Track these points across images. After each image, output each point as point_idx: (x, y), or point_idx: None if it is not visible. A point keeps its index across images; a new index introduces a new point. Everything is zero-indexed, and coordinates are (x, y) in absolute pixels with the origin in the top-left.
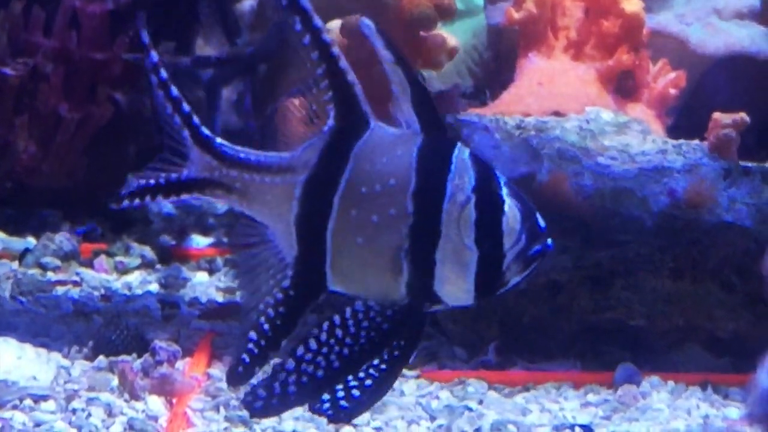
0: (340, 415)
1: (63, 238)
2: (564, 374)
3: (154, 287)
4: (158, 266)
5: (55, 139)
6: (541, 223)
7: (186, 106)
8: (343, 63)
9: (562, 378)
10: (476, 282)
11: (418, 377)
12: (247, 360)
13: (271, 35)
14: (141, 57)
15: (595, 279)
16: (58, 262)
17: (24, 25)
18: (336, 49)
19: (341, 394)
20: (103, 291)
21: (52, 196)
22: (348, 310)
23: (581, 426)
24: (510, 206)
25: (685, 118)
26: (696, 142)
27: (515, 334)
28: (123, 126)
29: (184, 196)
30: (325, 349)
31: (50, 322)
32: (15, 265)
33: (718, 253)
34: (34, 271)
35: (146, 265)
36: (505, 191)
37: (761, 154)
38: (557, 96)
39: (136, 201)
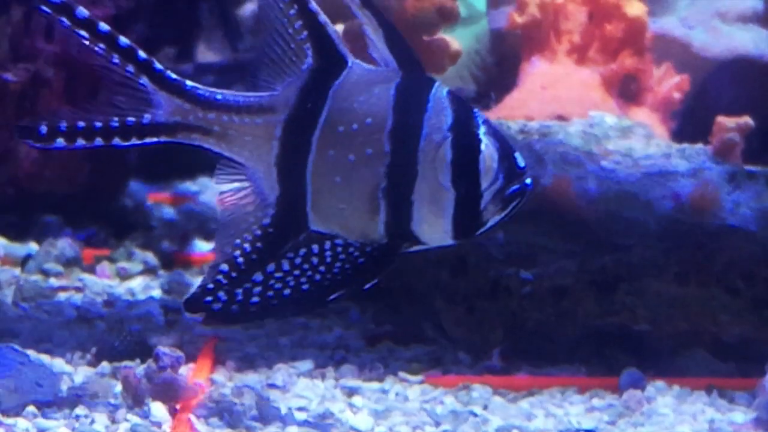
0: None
1: (65, 244)
2: (569, 379)
3: (156, 293)
4: (161, 272)
5: None
6: (520, 162)
7: (142, 54)
8: (314, 5)
9: (567, 383)
10: (454, 222)
11: (422, 382)
12: (213, 289)
13: None
14: None
15: (600, 283)
16: (60, 268)
17: (25, 30)
18: None
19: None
20: (105, 297)
21: (54, 201)
22: (328, 243)
23: (586, 431)
24: (487, 145)
25: (688, 122)
26: (700, 145)
27: (520, 339)
28: None
29: (149, 140)
30: (297, 272)
31: (53, 329)
32: (17, 271)
33: (723, 257)
34: (37, 277)
35: (149, 270)
36: (482, 130)
37: (765, 158)
38: (561, 100)
39: (80, 141)
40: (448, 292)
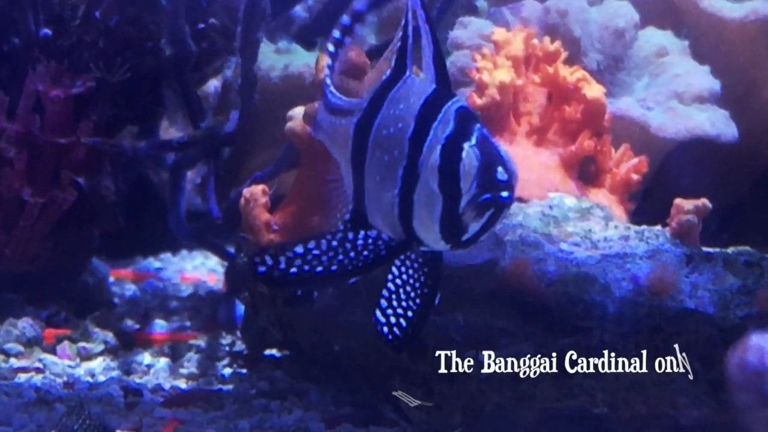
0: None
1: (26, 324)
2: None
3: (116, 374)
4: (121, 352)
5: (18, 223)
6: (501, 176)
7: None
8: (410, 19)
9: None
10: (441, 225)
11: None
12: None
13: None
14: (103, 141)
15: (558, 366)
16: (21, 348)
17: None
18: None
19: (393, 320)
20: (65, 378)
21: (15, 280)
22: (362, 233)
23: None
24: (468, 154)
25: (647, 202)
26: (658, 227)
27: (479, 422)
28: (86, 210)
29: None
30: (331, 253)
31: (12, 411)
32: None
33: (681, 339)
34: None
35: (109, 350)
36: (472, 142)
37: (723, 239)
38: (520, 181)
39: None
40: (407, 374)
